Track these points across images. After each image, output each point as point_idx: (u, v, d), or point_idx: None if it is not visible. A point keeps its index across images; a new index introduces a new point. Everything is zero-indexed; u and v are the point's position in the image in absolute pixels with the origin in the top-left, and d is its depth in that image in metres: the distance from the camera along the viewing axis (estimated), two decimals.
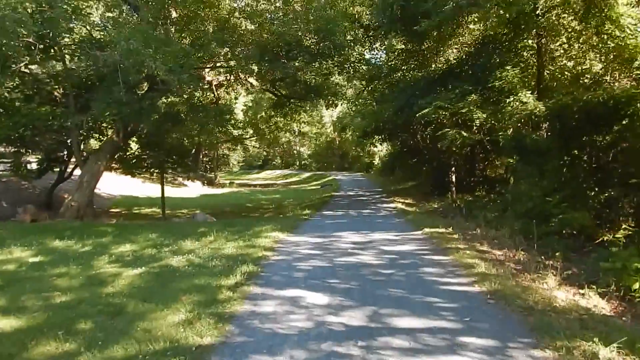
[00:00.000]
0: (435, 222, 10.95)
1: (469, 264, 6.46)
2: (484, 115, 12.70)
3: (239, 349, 4.02)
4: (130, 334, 4.33)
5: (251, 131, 37.16)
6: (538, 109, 12.17)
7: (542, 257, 7.14)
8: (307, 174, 52.66)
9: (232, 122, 20.63)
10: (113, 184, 30.08)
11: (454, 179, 16.95)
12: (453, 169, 17.12)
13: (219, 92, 21.88)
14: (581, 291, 5.42)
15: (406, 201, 18.34)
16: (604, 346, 3.71)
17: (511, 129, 13.19)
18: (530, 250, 7.45)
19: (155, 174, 31.98)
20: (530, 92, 12.64)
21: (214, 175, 50.26)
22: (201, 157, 51.40)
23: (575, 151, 9.30)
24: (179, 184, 41.77)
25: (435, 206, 15.48)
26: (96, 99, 13.08)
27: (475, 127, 12.86)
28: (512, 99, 12.44)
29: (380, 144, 37.85)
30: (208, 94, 20.48)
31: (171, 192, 35.61)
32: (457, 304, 4.97)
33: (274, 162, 77.49)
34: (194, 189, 40.56)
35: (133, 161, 17.96)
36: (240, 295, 5.45)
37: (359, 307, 4.92)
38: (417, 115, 13.55)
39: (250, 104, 38.19)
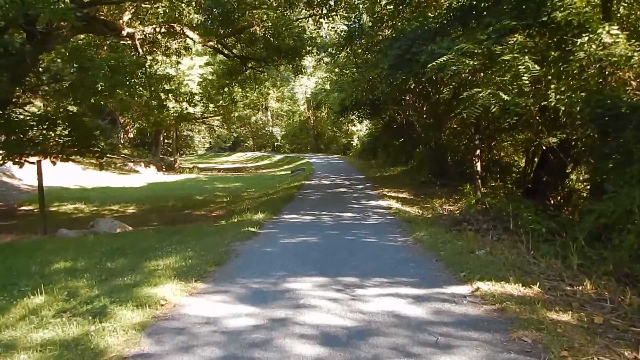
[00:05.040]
0: (474, 251, 6.04)
1: None
2: (537, 67, 7.84)
3: None
4: None
5: (199, 107, 31.01)
6: (630, 52, 7.39)
7: None
8: (279, 157, 47.56)
9: (163, 89, 15.25)
10: (47, 173, 24.69)
11: (479, 168, 11.54)
12: (478, 152, 11.68)
13: (147, 51, 16.33)
14: None
15: (400, 195, 13.44)
16: None
17: (576, 88, 8.35)
18: None
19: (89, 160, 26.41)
20: (616, 27, 7.79)
21: (173, 159, 44.55)
22: (161, 138, 45.78)
23: None
24: (129, 170, 36.07)
25: (449, 207, 10.55)
26: None
27: (524, 86, 7.97)
28: (585, 39, 7.62)
29: (360, 122, 32.88)
30: (131, 52, 14.99)
31: (115, 180, 29.97)
32: None
33: (246, 144, 71.80)
34: (146, 175, 35.00)
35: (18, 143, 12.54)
36: None
37: None
38: (426, 67, 8.61)
39: (211, 76, 32.00)
